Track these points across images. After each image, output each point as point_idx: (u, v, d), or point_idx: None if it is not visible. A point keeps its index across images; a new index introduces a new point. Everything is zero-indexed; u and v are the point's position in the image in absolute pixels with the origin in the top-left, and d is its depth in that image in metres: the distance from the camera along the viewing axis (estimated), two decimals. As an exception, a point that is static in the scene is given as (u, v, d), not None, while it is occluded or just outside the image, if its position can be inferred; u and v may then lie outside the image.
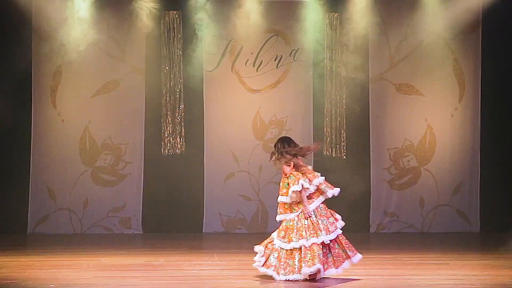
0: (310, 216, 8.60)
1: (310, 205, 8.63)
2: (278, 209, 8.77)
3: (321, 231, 8.52)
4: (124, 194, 13.05)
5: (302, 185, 8.55)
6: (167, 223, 13.03)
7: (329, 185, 8.71)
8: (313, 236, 8.50)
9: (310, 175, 8.70)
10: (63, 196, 12.96)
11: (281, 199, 8.71)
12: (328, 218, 8.65)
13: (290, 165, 8.69)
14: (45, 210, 12.95)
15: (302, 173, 8.68)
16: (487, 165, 13.20)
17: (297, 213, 8.61)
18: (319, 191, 8.70)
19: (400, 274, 8.99)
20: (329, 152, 13.03)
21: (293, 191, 8.58)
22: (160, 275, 8.97)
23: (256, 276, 8.71)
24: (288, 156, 8.69)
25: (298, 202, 8.64)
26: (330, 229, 8.59)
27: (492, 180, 13.15)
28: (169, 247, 11.32)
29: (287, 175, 8.69)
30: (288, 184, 8.66)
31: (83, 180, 12.99)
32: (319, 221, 8.60)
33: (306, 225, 8.57)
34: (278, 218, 8.75)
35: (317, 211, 8.65)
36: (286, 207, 8.71)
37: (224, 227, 13.14)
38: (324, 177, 8.76)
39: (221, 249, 11.07)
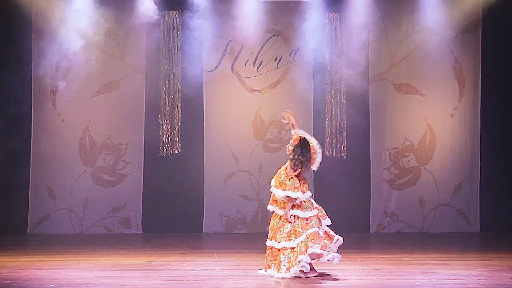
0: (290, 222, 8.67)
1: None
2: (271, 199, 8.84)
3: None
4: (124, 194, 13.04)
5: (295, 198, 8.60)
6: (167, 223, 13.02)
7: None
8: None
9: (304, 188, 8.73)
10: (63, 196, 12.95)
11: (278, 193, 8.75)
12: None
13: (296, 170, 8.72)
14: (45, 210, 12.94)
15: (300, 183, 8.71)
16: (487, 165, 13.20)
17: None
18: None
19: (400, 274, 8.98)
20: (329, 152, 13.03)
21: (287, 196, 8.61)
22: (160, 275, 8.96)
23: (257, 276, 8.70)
24: (300, 164, 8.70)
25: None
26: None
27: (492, 180, 13.15)
28: (169, 247, 11.31)
29: (288, 176, 8.72)
30: (282, 181, 8.67)
31: (83, 180, 12.98)
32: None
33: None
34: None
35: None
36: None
37: (224, 227, 13.14)
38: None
39: (221, 249, 11.06)
